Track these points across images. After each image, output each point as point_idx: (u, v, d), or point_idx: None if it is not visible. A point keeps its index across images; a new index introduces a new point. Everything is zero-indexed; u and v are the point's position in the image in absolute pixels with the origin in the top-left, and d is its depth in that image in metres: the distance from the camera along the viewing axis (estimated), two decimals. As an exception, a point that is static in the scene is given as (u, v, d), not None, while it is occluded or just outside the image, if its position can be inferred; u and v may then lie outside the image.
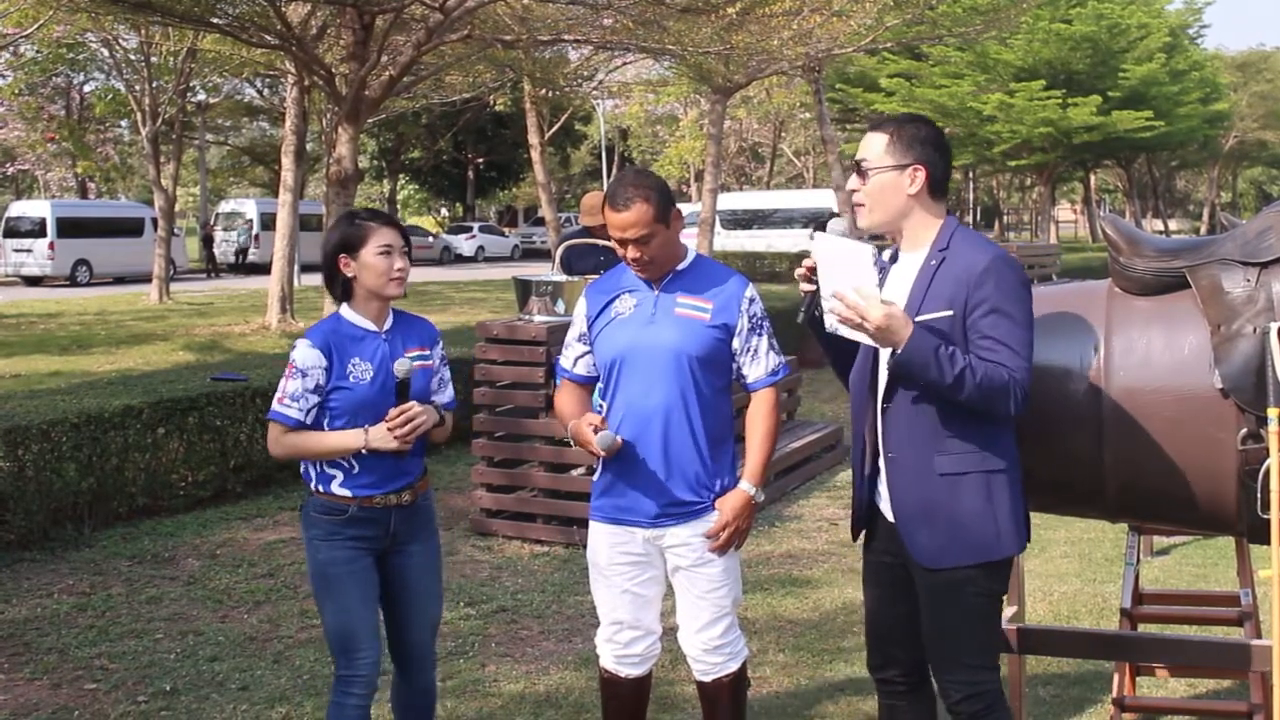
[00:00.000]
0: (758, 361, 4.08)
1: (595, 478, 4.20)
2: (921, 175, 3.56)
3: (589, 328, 4.16)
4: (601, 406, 4.14)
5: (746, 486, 4.05)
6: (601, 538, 4.13)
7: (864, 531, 3.82)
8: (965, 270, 3.47)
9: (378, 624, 4.06)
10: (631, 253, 3.98)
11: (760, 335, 4.08)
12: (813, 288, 3.66)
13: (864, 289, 3.40)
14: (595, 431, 3.90)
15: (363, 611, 4.02)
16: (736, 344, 4.05)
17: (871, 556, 3.81)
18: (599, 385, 4.19)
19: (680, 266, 4.09)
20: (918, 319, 3.46)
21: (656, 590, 4.17)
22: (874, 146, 3.61)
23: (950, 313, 3.46)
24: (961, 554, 3.51)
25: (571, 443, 4.13)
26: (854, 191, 3.66)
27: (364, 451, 3.95)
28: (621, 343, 4.04)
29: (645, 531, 4.05)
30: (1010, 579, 3.97)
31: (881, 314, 3.36)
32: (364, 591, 4.03)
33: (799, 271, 3.68)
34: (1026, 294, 3.50)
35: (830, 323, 3.55)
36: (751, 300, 4.08)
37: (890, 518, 3.66)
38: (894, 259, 3.71)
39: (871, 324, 3.38)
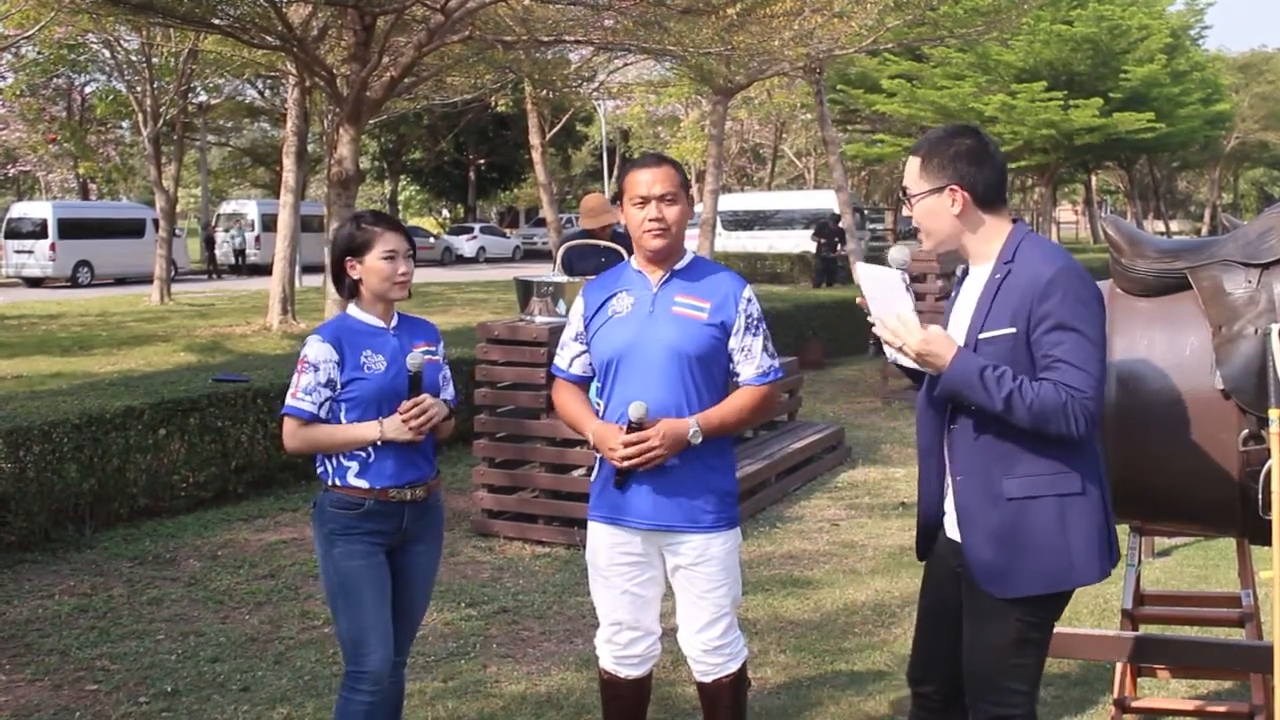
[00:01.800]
0: (751, 360, 4.06)
1: (594, 478, 4.20)
2: (961, 195, 3.44)
3: (586, 326, 4.16)
4: (599, 405, 4.14)
5: (691, 423, 3.93)
6: (601, 538, 4.12)
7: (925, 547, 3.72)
8: (1029, 284, 3.33)
9: (390, 622, 4.08)
10: (654, 213, 3.97)
11: (755, 335, 4.07)
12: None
13: (903, 314, 3.37)
14: (627, 426, 3.89)
15: (377, 609, 4.04)
16: (733, 343, 4.04)
17: (934, 571, 3.71)
18: (595, 384, 4.19)
19: (678, 265, 4.10)
20: (981, 336, 3.38)
21: (656, 591, 4.17)
22: (910, 173, 3.53)
23: (1013, 330, 3.34)
24: (1029, 582, 3.38)
25: (592, 444, 4.10)
26: (909, 216, 3.58)
27: (379, 443, 4.01)
28: (619, 341, 4.04)
29: (644, 532, 4.05)
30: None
31: (919, 339, 3.33)
32: (379, 589, 4.06)
33: (860, 300, 3.57)
34: (1096, 307, 3.35)
35: (889, 353, 3.52)
36: (749, 300, 4.07)
37: (955, 537, 3.54)
38: (965, 274, 3.61)
39: (911, 350, 3.35)
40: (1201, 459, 3.85)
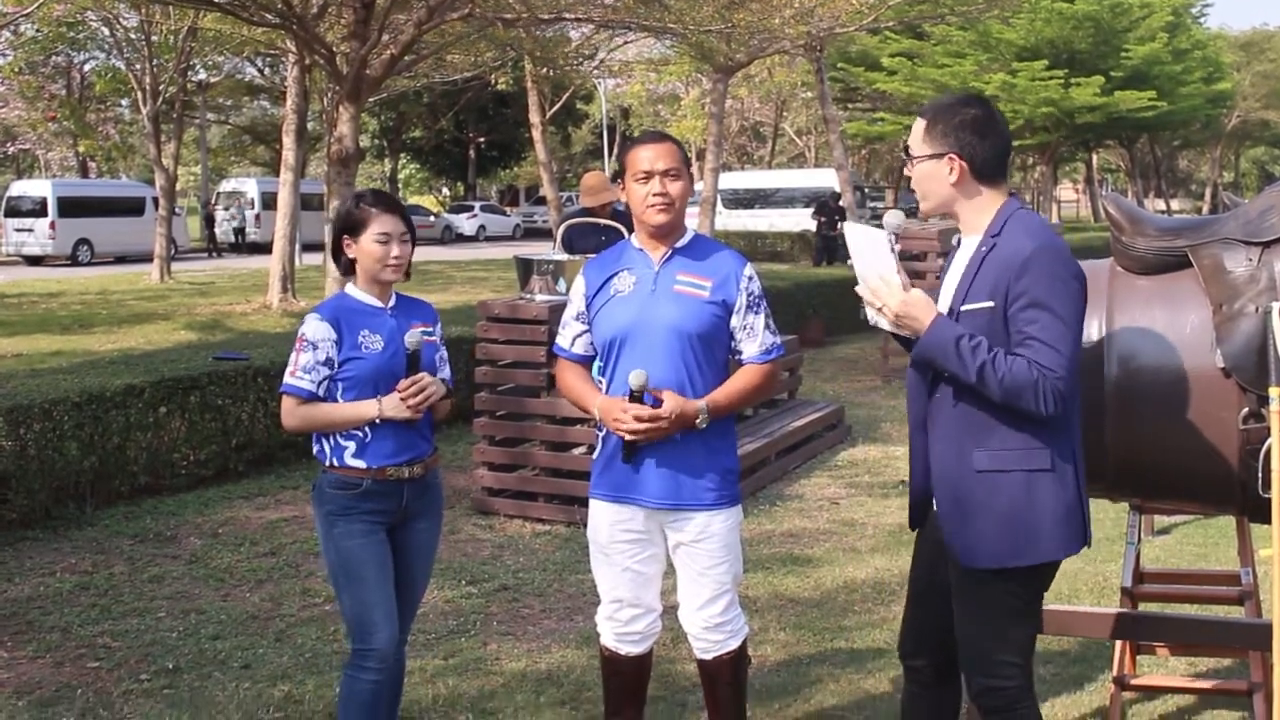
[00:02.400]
0: (753, 338, 4.07)
1: (595, 456, 4.20)
2: (959, 165, 3.46)
3: (588, 306, 4.16)
4: (601, 383, 4.14)
5: (701, 405, 3.95)
6: (603, 515, 4.13)
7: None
8: (1009, 259, 3.35)
9: (394, 600, 4.09)
10: (658, 188, 3.97)
11: (757, 313, 4.07)
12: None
13: (887, 275, 3.40)
14: (629, 396, 3.90)
15: (380, 587, 4.05)
16: (735, 321, 4.05)
17: (924, 544, 3.74)
18: (598, 363, 4.19)
19: (680, 243, 4.10)
20: (963, 308, 3.41)
21: (657, 568, 4.17)
22: (915, 134, 3.56)
23: (991, 304, 3.37)
24: (995, 555, 3.40)
25: (598, 419, 4.09)
26: (909, 177, 3.61)
27: (377, 421, 4.01)
28: (622, 321, 4.04)
29: (647, 509, 4.05)
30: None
31: (898, 300, 3.36)
32: (381, 567, 4.07)
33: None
34: (1074, 285, 3.35)
35: (869, 315, 3.53)
36: (750, 278, 4.08)
37: (936, 506, 3.58)
38: (959, 245, 3.63)
39: (890, 311, 3.38)
40: (1201, 437, 3.85)
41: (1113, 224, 4.14)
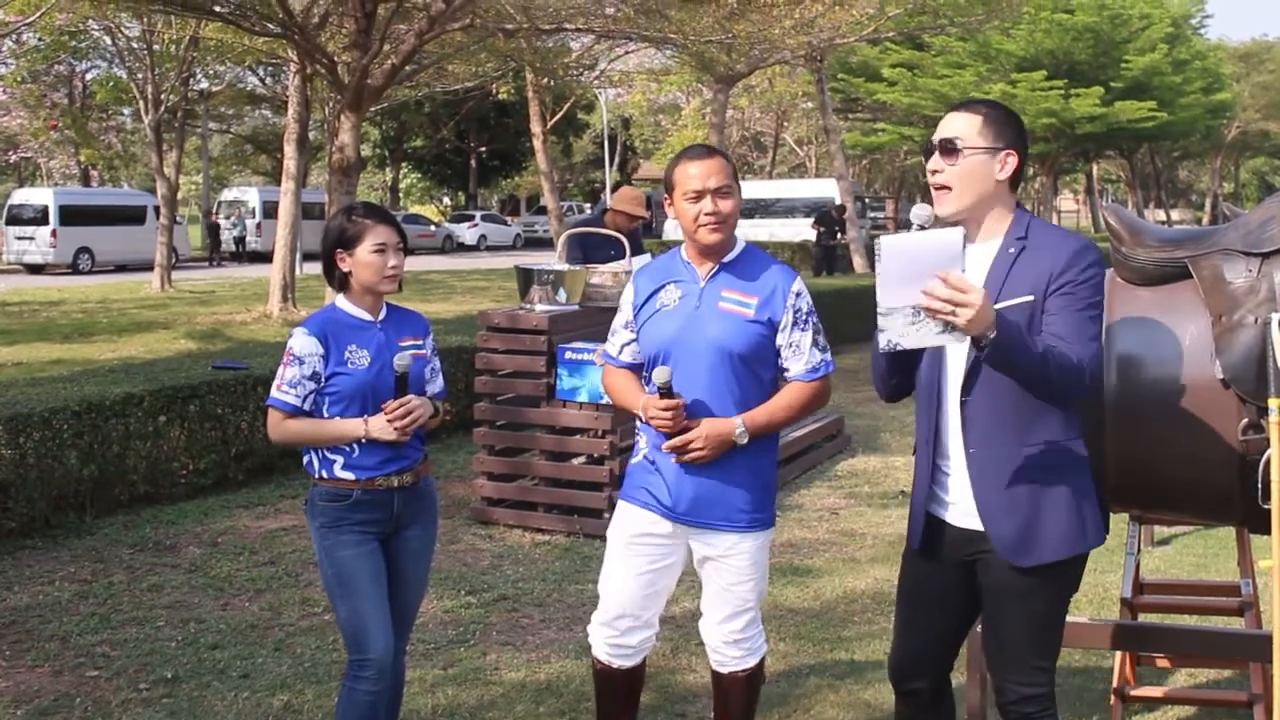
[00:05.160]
0: (799, 356, 4.00)
1: (633, 460, 4.15)
2: (1013, 161, 3.43)
3: (635, 315, 4.13)
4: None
5: (737, 422, 3.89)
6: (631, 516, 4.07)
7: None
8: (1053, 255, 3.35)
9: (388, 611, 4.08)
10: (710, 207, 3.90)
11: (804, 330, 4.00)
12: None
13: (953, 277, 3.08)
14: (658, 393, 3.88)
15: (374, 597, 4.04)
16: (780, 339, 3.99)
17: (922, 564, 3.65)
18: (643, 374, 4.15)
19: (728, 257, 4.03)
20: (997, 305, 3.24)
21: (669, 582, 4.13)
22: (965, 127, 3.44)
23: (1031, 297, 3.32)
24: (1050, 549, 3.39)
25: (645, 419, 4.01)
26: (936, 173, 3.45)
27: (364, 440, 4.00)
28: (665, 336, 3.98)
29: (676, 523, 4.01)
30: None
31: (979, 296, 3.07)
32: (374, 577, 4.06)
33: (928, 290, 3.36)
34: (1104, 282, 3.41)
35: (884, 340, 3.22)
36: (798, 294, 4.00)
37: (954, 522, 3.51)
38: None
39: (970, 309, 3.05)
40: (1201, 448, 3.84)
41: (1113, 235, 4.15)
